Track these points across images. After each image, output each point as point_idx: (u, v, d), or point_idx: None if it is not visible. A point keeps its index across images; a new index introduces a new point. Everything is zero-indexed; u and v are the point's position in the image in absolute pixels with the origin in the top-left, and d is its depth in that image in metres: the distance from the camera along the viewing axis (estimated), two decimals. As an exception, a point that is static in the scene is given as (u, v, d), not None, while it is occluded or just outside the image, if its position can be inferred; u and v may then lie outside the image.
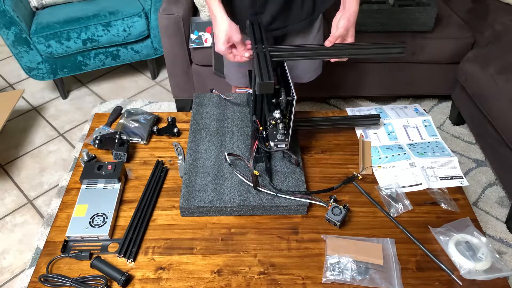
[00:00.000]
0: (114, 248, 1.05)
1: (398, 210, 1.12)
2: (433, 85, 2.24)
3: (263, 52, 1.07)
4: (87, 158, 1.23)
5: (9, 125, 2.32)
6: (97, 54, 2.33)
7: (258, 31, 1.16)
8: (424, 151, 1.27)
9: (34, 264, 1.64)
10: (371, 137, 1.33)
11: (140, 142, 1.31)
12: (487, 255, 1.02)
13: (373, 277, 0.98)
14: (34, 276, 0.99)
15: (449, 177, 1.21)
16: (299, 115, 1.43)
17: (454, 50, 2.06)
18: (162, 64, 2.68)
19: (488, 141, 1.89)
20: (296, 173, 1.18)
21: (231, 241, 1.06)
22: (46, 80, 2.35)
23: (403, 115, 1.40)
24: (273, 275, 1.00)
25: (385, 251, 1.03)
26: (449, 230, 1.08)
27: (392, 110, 1.43)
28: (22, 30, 2.12)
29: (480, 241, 1.05)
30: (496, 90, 1.76)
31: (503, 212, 1.83)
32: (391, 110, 1.43)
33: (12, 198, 1.94)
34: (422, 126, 1.36)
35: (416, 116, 1.39)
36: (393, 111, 1.42)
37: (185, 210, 1.10)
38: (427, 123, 1.37)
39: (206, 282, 0.98)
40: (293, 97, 1.00)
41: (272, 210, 1.11)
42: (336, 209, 1.08)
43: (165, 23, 1.97)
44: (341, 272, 0.98)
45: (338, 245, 1.04)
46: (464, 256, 1.02)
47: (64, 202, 1.16)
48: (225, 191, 1.13)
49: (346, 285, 0.98)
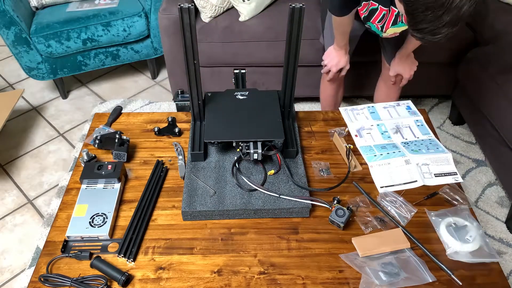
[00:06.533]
0: (114, 248, 1.05)
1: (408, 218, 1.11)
2: (433, 85, 2.24)
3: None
4: (87, 158, 1.23)
5: (9, 125, 2.32)
6: (97, 54, 2.33)
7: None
8: (419, 148, 1.27)
9: (34, 264, 1.64)
10: (365, 137, 1.33)
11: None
12: (475, 238, 1.03)
13: (406, 277, 0.98)
14: (34, 276, 0.99)
15: (444, 174, 1.22)
16: (299, 115, 1.43)
17: (454, 50, 2.06)
18: (162, 64, 2.68)
19: (488, 141, 1.89)
20: (298, 175, 1.18)
21: (231, 241, 1.06)
22: (46, 80, 2.35)
23: (395, 116, 1.40)
24: (273, 275, 1.00)
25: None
26: (444, 214, 1.10)
27: (384, 109, 1.43)
28: (22, 30, 2.12)
29: (472, 225, 1.06)
30: (496, 90, 1.76)
31: (503, 212, 1.83)
32: (384, 109, 1.43)
33: (12, 198, 1.94)
34: (414, 126, 1.37)
35: (408, 116, 1.40)
36: (385, 110, 1.42)
37: (187, 214, 1.10)
38: (419, 122, 1.38)
39: (206, 282, 0.98)
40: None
41: (275, 213, 1.11)
42: (340, 210, 1.08)
43: (165, 23, 1.97)
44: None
45: (365, 243, 1.04)
46: (452, 236, 1.03)
47: (64, 202, 1.16)
48: (227, 194, 1.13)
49: (346, 285, 0.98)
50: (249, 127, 1.20)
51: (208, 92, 1.32)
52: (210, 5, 1.94)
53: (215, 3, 1.95)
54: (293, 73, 1.22)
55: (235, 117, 1.24)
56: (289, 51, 1.17)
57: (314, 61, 2.03)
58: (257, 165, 1.20)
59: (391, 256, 1.01)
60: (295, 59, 1.18)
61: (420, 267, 0.99)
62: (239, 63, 2.06)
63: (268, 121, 1.22)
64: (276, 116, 1.24)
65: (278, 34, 1.96)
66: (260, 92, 1.34)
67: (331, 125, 1.39)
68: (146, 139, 1.35)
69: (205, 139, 1.18)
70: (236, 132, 1.19)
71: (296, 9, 1.08)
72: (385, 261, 1.00)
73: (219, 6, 1.97)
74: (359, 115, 1.41)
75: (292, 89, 1.27)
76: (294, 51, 1.17)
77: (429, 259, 1.02)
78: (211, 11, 1.96)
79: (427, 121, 1.39)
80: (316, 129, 1.38)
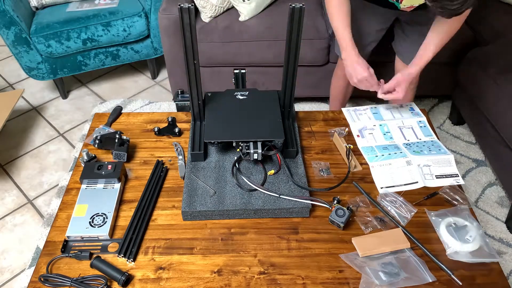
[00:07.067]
0: (114, 248, 1.05)
1: (408, 218, 1.12)
2: (433, 85, 2.24)
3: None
4: (87, 158, 1.23)
5: (9, 125, 2.32)
6: (97, 54, 2.33)
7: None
8: (420, 150, 1.27)
9: (34, 264, 1.64)
10: (367, 137, 1.33)
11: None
12: (475, 238, 1.03)
13: (406, 277, 0.98)
14: (34, 276, 0.99)
15: (445, 175, 1.22)
16: (299, 115, 1.43)
17: (454, 50, 2.05)
18: (162, 64, 2.68)
19: (488, 141, 1.89)
20: (298, 175, 1.18)
21: (231, 241, 1.06)
22: (46, 80, 2.35)
23: (398, 116, 1.40)
24: (273, 275, 0.99)
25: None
26: (444, 214, 1.10)
27: (387, 110, 1.43)
28: (22, 30, 2.12)
29: (472, 225, 1.06)
30: (496, 90, 1.76)
31: (503, 212, 1.83)
32: (387, 110, 1.43)
33: (12, 198, 1.94)
34: (417, 126, 1.37)
35: (411, 117, 1.40)
36: (388, 111, 1.42)
37: (187, 214, 1.10)
38: (422, 124, 1.38)
39: (206, 282, 0.98)
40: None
41: (275, 213, 1.11)
42: (340, 210, 1.08)
43: (165, 23, 1.97)
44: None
45: (365, 243, 1.04)
46: (452, 237, 1.03)
47: (64, 202, 1.16)
48: (227, 194, 1.13)
49: (346, 285, 0.98)
50: (249, 127, 1.20)
51: (208, 92, 1.32)
52: (210, 5, 1.94)
53: (215, 3, 1.95)
54: (293, 73, 1.22)
55: (235, 117, 1.24)
56: (289, 51, 1.17)
57: (314, 61, 2.03)
58: (257, 165, 1.20)
59: (391, 256, 1.01)
60: (295, 59, 1.18)
61: (420, 267, 0.99)
62: (239, 63, 2.06)
63: (268, 121, 1.22)
64: (276, 116, 1.24)
65: (278, 34, 1.96)
66: (260, 92, 1.34)
67: (331, 125, 1.39)
68: (146, 139, 1.35)
69: (205, 139, 1.19)
70: (236, 132, 1.19)
71: (296, 9, 1.08)
72: (385, 261, 1.00)
73: (219, 6, 1.97)
74: (362, 115, 1.41)
75: (292, 89, 1.27)
76: (294, 51, 1.17)
77: (429, 259, 1.02)
78: (211, 11, 1.96)
79: (427, 121, 1.39)
80: (316, 129, 1.38)
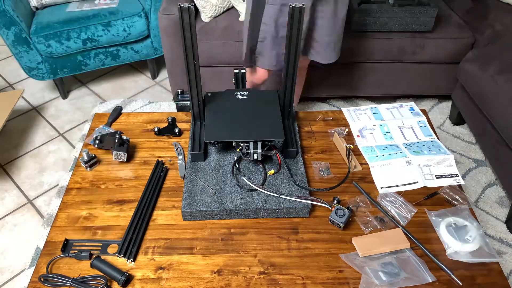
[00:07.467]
0: (114, 248, 1.05)
1: (408, 218, 1.12)
2: (433, 85, 2.24)
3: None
4: (87, 158, 1.23)
5: (9, 125, 2.32)
6: (97, 54, 2.32)
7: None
8: (420, 150, 1.27)
9: (34, 264, 1.64)
10: (367, 137, 1.33)
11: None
12: (475, 238, 1.03)
13: (406, 277, 0.98)
14: (34, 276, 0.99)
15: (445, 176, 1.22)
16: (299, 115, 1.43)
17: (454, 50, 2.06)
18: (162, 64, 2.68)
19: (488, 141, 1.89)
20: (298, 175, 1.18)
21: (231, 241, 1.06)
22: (46, 80, 2.35)
23: (398, 116, 1.40)
24: (273, 275, 1.00)
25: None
26: (444, 214, 1.10)
27: (387, 110, 1.43)
28: (22, 30, 2.12)
29: (472, 225, 1.06)
30: (496, 90, 1.76)
31: (503, 212, 1.83)
32: (387, 110, 1.43)
33: (12, 198, 1.94)
34: (417, 126, 1.37)
35: (412, 117, 1.40)
36: (388, 111, 1.42)
37: (187, 214, 1.10)
38: (422, 124, 1.37)
39: (206, 282, 0.98)
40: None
41: (275, 213, 1.11)
42: (340, 210, 1.08)
43: (165, 23, 1.97)
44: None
45: (365, 243, 1.04)
46: (452, 237, 1.03)
47: (64, 202, 1.16)
48: (227, 194, 1.13)
49: (346, 285, 0.98)
50: (249, 127, 1.20)
51: (208, 92, 1.32)
52: (210, 5, 1.94)
53: (215, 3, 1.95)
54: (293, 73, 1.22)
55: (235, 117, 1.24)
56: (289, 51, 1.17)
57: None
58: (257, 165, 1.20)
59: (391, 256, 1.01)
60: (295, 59, 1.18)
61: (420, 267, 0.99)
62: (239, 63, 2.06)
63: (268, 121, 1.22)
64: (276, 116, 1.24)
65: (278, 34, 1.96)
66: (260, 92, 1.34)
67: (331, 125, 1.39)
68: (146, 139, 1.35)
69: (205, 139, 1.19)
70: (236, 132, 1.19)
71: (296, 9, 1.08)
72: (385, 261, 1.00)
73: (219, 6, 1.97)
74: (362, 115, 1.41)
75: (292, 89, 1.27)
76: (294, 51, 1.17)
77: (429, 259, 1.02)
78: (211, 11, 1.96)
79: (427, 121, 1.39)
80: (316, 129, 1.38)
